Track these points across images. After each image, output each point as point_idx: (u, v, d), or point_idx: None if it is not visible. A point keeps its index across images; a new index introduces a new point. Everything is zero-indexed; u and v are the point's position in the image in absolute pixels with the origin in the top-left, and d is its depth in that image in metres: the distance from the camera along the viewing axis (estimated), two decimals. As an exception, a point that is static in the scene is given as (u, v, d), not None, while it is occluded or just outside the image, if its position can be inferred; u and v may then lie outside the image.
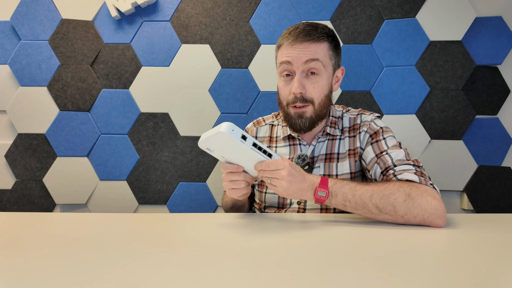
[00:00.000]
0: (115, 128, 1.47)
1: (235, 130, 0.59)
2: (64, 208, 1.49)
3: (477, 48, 1.39)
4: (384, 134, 0.84)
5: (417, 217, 0.64)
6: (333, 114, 0.92)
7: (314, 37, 0.79)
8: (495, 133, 1.38)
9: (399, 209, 0.65)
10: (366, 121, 0.88)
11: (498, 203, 1.37)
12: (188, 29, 1.47)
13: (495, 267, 0.42)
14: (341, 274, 0.40)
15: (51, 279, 0.39)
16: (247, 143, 0.60)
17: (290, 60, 0.80)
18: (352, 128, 0.89)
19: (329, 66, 0.83)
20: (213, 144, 0.63)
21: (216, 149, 0.65)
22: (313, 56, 0.79)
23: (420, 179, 0.70)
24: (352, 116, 0.92)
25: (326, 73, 0.83)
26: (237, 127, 0.59)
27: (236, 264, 0.44)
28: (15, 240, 0.56)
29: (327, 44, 0.82)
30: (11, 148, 1.46)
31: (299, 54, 0.79)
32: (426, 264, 0.43)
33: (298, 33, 0.80)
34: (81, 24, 1.46)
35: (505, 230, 0.63)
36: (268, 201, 0.91)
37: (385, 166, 0.77)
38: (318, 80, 0.81)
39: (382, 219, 0.67)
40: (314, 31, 0.80)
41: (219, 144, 0.62)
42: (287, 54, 0.81)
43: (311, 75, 0.81)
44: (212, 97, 1.47)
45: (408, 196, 0.65)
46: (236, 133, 0.59)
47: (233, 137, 0.58)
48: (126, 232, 0.62)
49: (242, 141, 0.60)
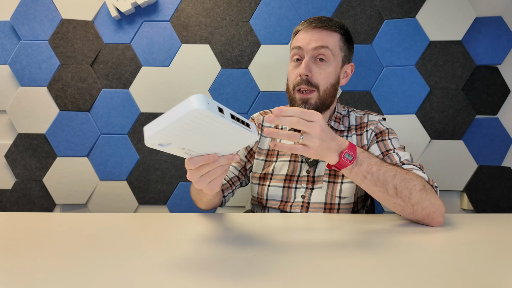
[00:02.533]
0: (115, 128, 1.47)
1: (210, 103, 0.41)
2: (64, 208, 1.49)
3: (477, 48, 1.39)
4: (390, 135, 0.86)
5: (424, 210, 0.64)
6: (338, 110, 0.93)
7: (327, 26, 0.83)
8: (495, 133, 1.38)
9: (414, 196, 0.64)
10: (374, 120, 0.89)
11: (498, 203, 1.37)
12: (188, 29, 1.47)
13: (495, 267, 0.42)
14: (341, 274, 0.40)
15: (51, 279, 0.39)
16: (226, 117, 0.44)
17: (301, 45, 0.83)
18: (359, 127, 0.91)
19: (338, 57, 0.85)
20: (173, 134, 0.44)
21: (175, 140, 0.46)
22: (323, 43, 0.82)
23: (429, 179, 0.71)
24: (359, 115, 0.93)
25: (335, 63, 0.85)
26: (210, 98, 0.42)
27: (236, 264, 0.44)
28: (15, 240, 0.56)
29: (338, 35, 0.85)
30: (11, 148, 1.46)
31: (311, 40, 0.82)
32: (426, 264, 0.43)
33: (313, 20, 0.84)
34: (81, 24, 1.46)
35: (505, 230, 0.63)
36: (271, 194, 0.90)
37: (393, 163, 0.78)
38: (326, 67, 0.83)
39: (392, 202, 0.66)
40: (328, 21, 0.84)
41: (182, 131, 0.43)
42: (300, 39, 0.84)
43: (319, 61, 0.83)
44: (212, 97, 1.47)
45: (424, 187, 0.66)
46: (212, 107, 0.41)
47: (211, 112, 0.41)
48: (126, 232, 0.62)
49: (221, 116, 0.42)
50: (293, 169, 0.89)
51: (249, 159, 0.97)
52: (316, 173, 0.87)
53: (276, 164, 0.91)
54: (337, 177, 0.86)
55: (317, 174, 0.87)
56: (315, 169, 0.87)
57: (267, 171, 0.92)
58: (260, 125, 0.98)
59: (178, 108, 0.41)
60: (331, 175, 0.86)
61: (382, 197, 0.66)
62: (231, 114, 0.46)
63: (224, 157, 0.55)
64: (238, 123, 0.47)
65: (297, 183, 0.88)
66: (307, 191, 0.87)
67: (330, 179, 0.86)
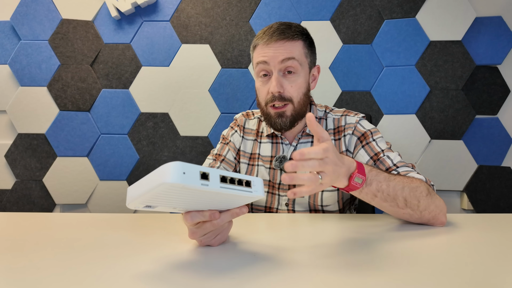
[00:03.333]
0: (115, 128, 1.47)
1: (188, 172, 0.37)
2: (64, 208, 1.48)
3: (477, 48, 1.39)
4: (374, 136, 0.82)
5: (431, 213, 0.64)
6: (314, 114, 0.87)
7: (289, 36, 0.79)
8: (495, 133, 1.38)
9: (421, 203, 0.63)
10: (351, 123, 0.86)
11: (498, 203, 1.37)
12: (188, 29, 1.47)
13: (495, 267, 0.42)
14: (341, 274, 0.40)
15: (51, 279, 0.39)
16: (212, 184, 0.39)
17: (267, 59, 0.79)
18: (336, 131, 0.87)
19: (305, 64, 0.83)
20: (153, 200, 0.41)
21: (160, 204, 0.43)
22: (289, 54, 0.78)
23: (426, 179, 0.70)
24: (336, 117, 0.89)
25: (303, 72, 0.82)
26: (189, 165, 0.37)
27: (236, 264, 0.44)
28: (15, 240, 0.56)
29: (301, 43, 0.81)
30: (11, 148, 1.46)
31: (275, 53, 0.78)
32: (426, 264, 0.43)
33: (273, 32, 0.79)
34: (81, 24, 1.46)
35: (505, 230, 0.63)
36: (255, 203, 0.89)
37: (386, 167, 0.77)
38: (296, 79, 0.80)
39: (402, 213, 0.64)
40: (289, 30, 0.79)
41: (162, 197, 0.40)
42: (263, 54, 0.80)
43: (288, 74, 0.80)
44: (212, 97, 1.47)
45: (428, 191, 0.65)
46: (191, 176, 0.37)
47: (189, 184, 0.36)
48: (126, 232, 0.62)
49: (204, 184, 0.38)
50: (273, 176, 0.87)
51: (238, 160, 0.94)
52: None
53: (259, 169, 0.90)
54: None
55: None
56: None
57: None
58: (242, 127, 0.96)
59: (153, 177, 0.37)
60: None
61: (392, 210, 0.64)
62: (222, 177, 0.40)
63: (229, 212, 0.48)
64: (233, 186, 0.41)
65: (279, 190, 0.86)
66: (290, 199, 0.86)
67: None
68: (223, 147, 0.93)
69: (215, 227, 0.48)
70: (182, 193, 0.39)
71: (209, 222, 0.47)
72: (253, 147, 0.92)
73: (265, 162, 0.89)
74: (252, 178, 0.44)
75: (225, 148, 0.92)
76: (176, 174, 0.36)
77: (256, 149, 0.91)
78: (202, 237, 0.50)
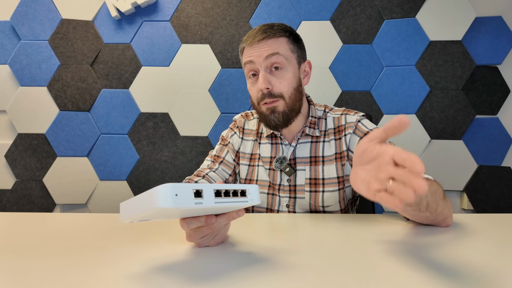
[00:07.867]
0: (115, 128, 1.47)
1: (180, 193, 0.36)
2: (64, 208, 1.48)
3: (477, 48, 1.39)
4: None
5: (443, 216, 0.63)
6: (312, 114, 0.89)
7: (271, 34, 0.80)
8: (495, 133, 1.38)
9: (439, 207, 0.61)
10: (351, 122, 0.85)
11: (498, 203, 1.37)
12: (188, 29, 1.47)
13: (495, 267, 0.42)
14: (341, 274, 0.40)
15: (51, 279, 0.39)
16: (206, 200, 0.38)
17: (252, 59, 0.80)
18: (337, 130, 0.87)
19: (292, 59, 0.82)
20: (149, 216, 0.41)
21: (156, 218, 0.43)
22: (273, 50, 0.79)
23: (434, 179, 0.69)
24: (336, 116, 0.88)
25: (291, 66, 0.82)
26: (181, 186, 0.36)
27: (236, 264, 0.44)
28: (15, 240, 0.56)
29: (285, 39, 0.82)
30: (11, 148, 1.46)
31: (260, 51, 0.80)
32: (425, 264, 0.43)
33: (255, 33, 0.81)
34: (81, 24, 1.46)
35: (505, 230, 0.63)
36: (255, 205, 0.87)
37: None
38: (284, 74, 0.80)
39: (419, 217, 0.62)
40: (270, 29, 0.81)
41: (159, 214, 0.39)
42: (249, 55, 0.81)
43: (275, 70, 0.80)
44: (212, 97, 1.47)
45: (444, 193, 0.64)
46: (184, 196, 0.37)
47: (182, 206, 0.36)
48: (126, 232, 0.62)
49: (197, 202, 0.38)
50: (273, 177, 0.87)
51: (238, 162, 0.94)
52: (297, 182, 0.85)
53: (259, 169, 0.90)
54: (318, 186, 0.84)
55: (298, 183, 0.85)
56: (295, 178, 0.85)
57: (251, 177, 0.90)
58: (241, 129, 0.96)
59: (145, 199, 0.36)
60: (311, 184, 0.84)
61: (412, 213, 0.62)
62: (217, 191, 0.40)
63: (225, 215, 0.47)
64: (228, 199, 0.41)
65: (280, 192, 0.86)
66: (291, 200, 0.85)
67: (311, 188, 0.84)
68: (222, 148, 0.93)
69: (212, 230, 0.48)
70: (172, 213, 0.39)
71: (206, 226, 0.47)
72: (254, 148, 0.92)
73: (265, 163, 0.89)
74: (247, 186, 0.44)
75: (224, 149, 0.92)
76: (168, 197, 0.35)
77: (257, 149, 0.91)
78: (199, 240, 0.50)
